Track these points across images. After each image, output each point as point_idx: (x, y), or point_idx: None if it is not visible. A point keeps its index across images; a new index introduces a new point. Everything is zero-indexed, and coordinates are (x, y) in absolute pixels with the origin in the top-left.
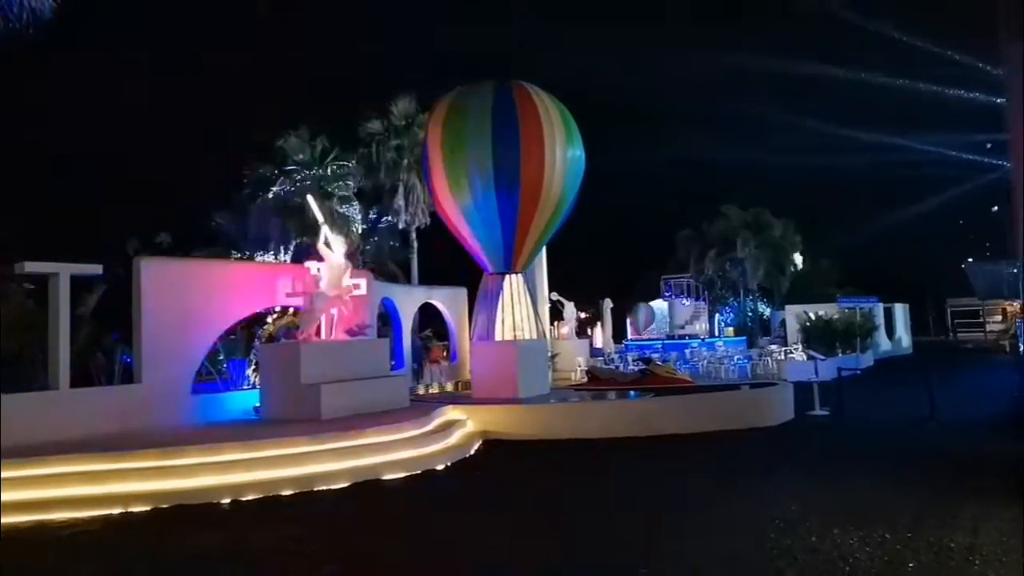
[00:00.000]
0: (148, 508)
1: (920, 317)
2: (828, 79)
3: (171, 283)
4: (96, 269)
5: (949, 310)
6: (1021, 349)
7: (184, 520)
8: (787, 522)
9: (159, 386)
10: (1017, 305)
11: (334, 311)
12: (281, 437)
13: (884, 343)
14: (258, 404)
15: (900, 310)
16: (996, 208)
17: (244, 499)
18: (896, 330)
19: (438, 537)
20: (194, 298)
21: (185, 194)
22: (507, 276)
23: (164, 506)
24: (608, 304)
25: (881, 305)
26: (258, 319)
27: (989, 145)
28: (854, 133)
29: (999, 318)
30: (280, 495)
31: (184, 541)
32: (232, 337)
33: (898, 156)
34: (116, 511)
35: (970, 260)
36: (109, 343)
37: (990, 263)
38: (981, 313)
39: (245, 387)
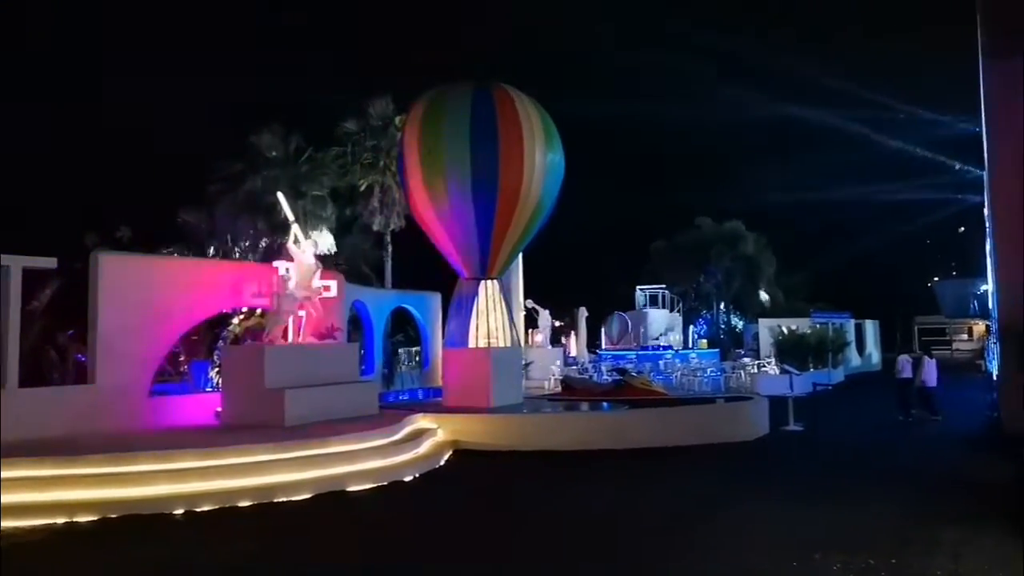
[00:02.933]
0: (96, 518)
1: (888, 334)
2: (802, 99)
3: (130, 280)
4: (50, 262)
5: (916, 327)
6: (989, 368)
7: (132, 531)
8: (767, 545)
9: (114, 387)
10: (983, 325)
11: (302, 313)
12: (241, 444)
13: (854, 359)
14: (219, 408)
15: (871, 326)
16: (963, 229)
17: (199, 510)
18: (866, 346)
19: (402, 555)
20: (154, 296)
21: (150, 189)
22: (482, 282)
23: (112, 516)
24: (583, 313)
25: (853, 321)
26: (223, 319)
27: (958, 166)
28: (827, 150)
29: (965, 336)
30: (238, 506)
31: (129, 555)
32: (194, 338)
33: (868, 174)
34: (60, 520)
35: (936, 279)
36: (63, 340)
37: (957, 282)
38: (948, 331)
39: (208, 390)
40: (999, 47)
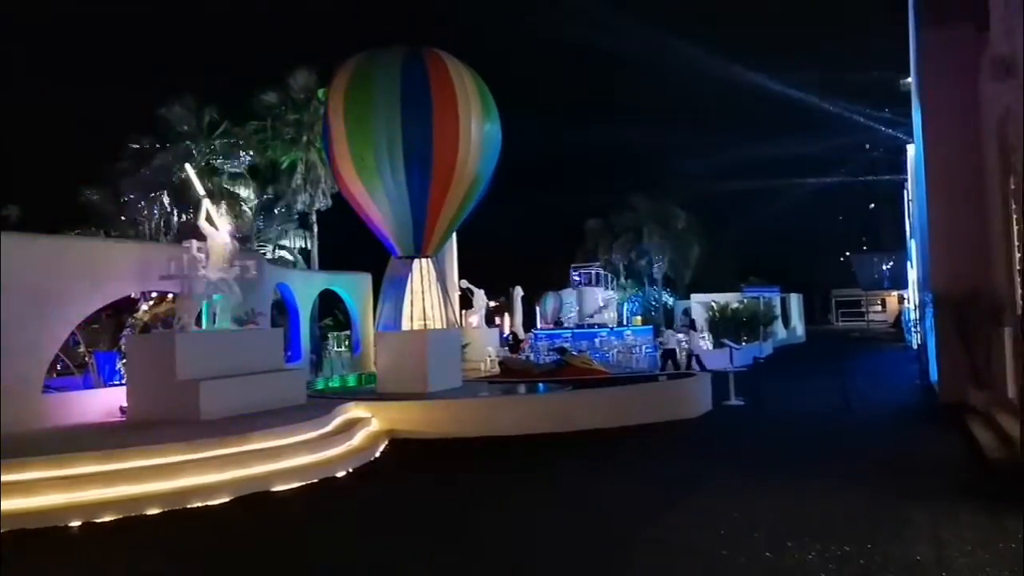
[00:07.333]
0: None
1: (808, 306)
2: (721, 76)
3: (18, 263)
4: None
5: (834, 300)
6: (908, 339)
7: (18, 549)
8: (735, 534)
9: (1, 384)
10: (895, 296)
11: (218, 297)
12: (148, 444)
13: (780, 331)
14: (124, 404)
15: (795, 299)
16: (873, 205)
17: (99, 520)
18: (791, 319)
19: (334, 564)
20: (44, 280)
21: (48, 165)
22: (416, 260)
23: None
24: (519, 292)
25: (780, 295)
26: (129, 305)
27: (867, 145)
28: (746, 132)
29: (879, 308)
30: (145, 515)
31: None
32: (94, 326)
33: (785, 151)
34: None
35: (848, 253)
36: None
37: (871, 256)
38: (863, 303)
39: (115, 383)
40: (938, 15)
